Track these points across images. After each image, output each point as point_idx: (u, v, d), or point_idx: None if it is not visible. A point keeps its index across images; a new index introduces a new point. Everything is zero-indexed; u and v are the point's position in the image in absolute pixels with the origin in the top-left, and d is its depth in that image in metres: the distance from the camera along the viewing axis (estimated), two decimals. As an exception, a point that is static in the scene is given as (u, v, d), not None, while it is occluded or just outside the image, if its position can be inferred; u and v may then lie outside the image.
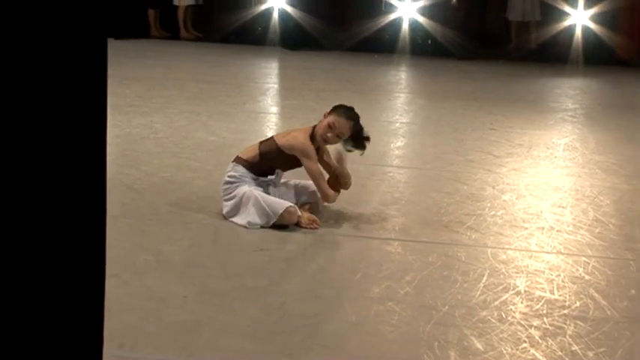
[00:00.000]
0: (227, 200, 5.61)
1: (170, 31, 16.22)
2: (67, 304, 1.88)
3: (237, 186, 5.61)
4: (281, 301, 4.32)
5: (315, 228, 5.48)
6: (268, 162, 5.70)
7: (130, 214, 5.59)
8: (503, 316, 4.26)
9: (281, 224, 5.46)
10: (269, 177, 5.73)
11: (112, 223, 5.14)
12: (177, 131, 8.17)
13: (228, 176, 5.67)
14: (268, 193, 5.65)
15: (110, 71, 1.91)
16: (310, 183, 5.74)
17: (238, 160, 5.72)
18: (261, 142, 5.80)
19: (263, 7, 15.85)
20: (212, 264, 4.82)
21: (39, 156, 1.79)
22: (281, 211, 5.45)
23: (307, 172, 5.66)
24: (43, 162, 1.79)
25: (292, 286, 4.56)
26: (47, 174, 1.80)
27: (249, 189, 5.57)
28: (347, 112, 5.73)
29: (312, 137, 5.68)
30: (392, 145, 8.17)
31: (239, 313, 4.17)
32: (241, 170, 5.67)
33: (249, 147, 5.85)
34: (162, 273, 4.64)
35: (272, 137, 5.81)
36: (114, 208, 5.50)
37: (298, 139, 5.66)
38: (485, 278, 4.74)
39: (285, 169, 5.76)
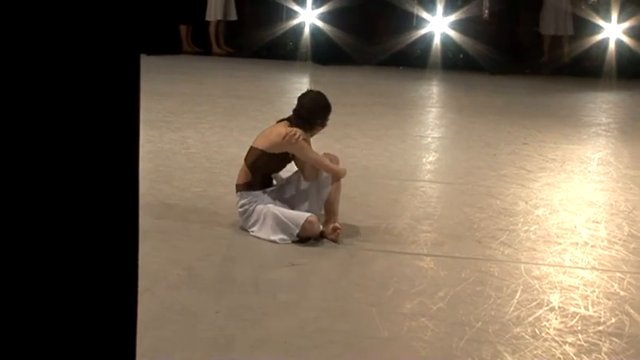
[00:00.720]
0: (250, 226, 5.61)
1: (202, 46, 16.30)
2: (100, 319, 1.88)
3: (254, 208, 5.61)
4: (313, 316, 4.31)
5: (337, 231, 5.47)
6: (262, 170, 5.70)
7: (162, 229, 5.60)
8: (537, 332, 4.22)
9: (305, 236, 5.44)
10: (274, 185, 5.74)
11: (145, 238, 5.15)
12: (209, 146, 8.19)
13: (240, 206, 5.68)
14: (285, 203, 5.67)
15: (142, 87, 1.91)
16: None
17: (239, 188, 5.72)
18: (245, 159, 5.79)
19: (294, 22, 15.91)
20: (244, 279, 4.82)
21: (72, 171, 1.79)
22: (302, 222, 5.44)
23: (307, 160, 5.68)
24: (76, 177, 1.80)
25: (324, 301, 4.55)
26: (80, 189, 1.81)
27: (265, 207, 5.57)
28: (328, 108, 5.83)
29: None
30: (424, 159, 8.15)
31: (271, 328, 4.16)
32: (246, 195, 5.68)
33: (239, 173, 5.83)
34: (194, 288, 4.65)
35: (251, 147, 5.78)
36: (146, 223, 5.51)
37: (282, 134, 5.65)
38: (518, 294, 4.71)
39: (280, 169, 5.77)
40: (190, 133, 8.74)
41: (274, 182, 5.77)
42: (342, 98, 11.77)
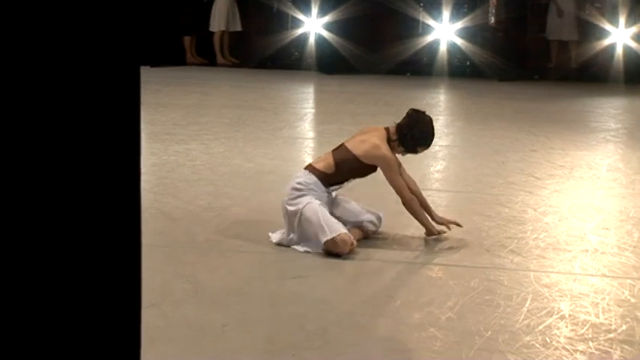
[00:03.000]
0: (290, 205, 5.51)
1: (206, 57, 16.33)
2: (103, 334, 1.88)
3: (303, 195, 5.51)
4: (322, 328, 4.31)
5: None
6: (345, 173, 5.64)
7: (167, 243, 5.60)
8: (548, 340, 4.21)
9: (330, 250, 5.39)
10: (338, 186, 5.70)
11: (149, 252, 5.15)
12: (213, 158, 8.20)
13: (297, 183, 5.56)
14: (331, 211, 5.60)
15: (146, 99, 1.92)
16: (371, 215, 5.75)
17: (312, 170, 5.62)
18: (334, 151, 5.70)
19: (299, 31, 15.93)
20: (251, 292, 4.82)
21: (72, 184, 1.80)
22: (336, 235, 5.35)
23: (390, 183, 5.64)
24: (77, 190, 1.80)
25: (333, 313, 4.54)
26: (81, 202, 1.81)
27: (311, 201, 5.49)
28: (432, 139, 5.73)
29: (388, 142, 5.65)
30: (432, 168, 8.15)
31: (279, 341, 4.16)
32: (313, 179, 5.58)
33: (321, 157, 5.79)
34: (200, 302, 4.64)
35: (343, 145, 5.68)
36: (151, 236, 5.52)
37: (380, 149, 5.58)
38: (528, 302, 4.69)
39: (361, 177, 5.75)
40: (195, 145, 8.75)
41: (341, 186, 5.72)
42: (348, 108, 11.80)
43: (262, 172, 7.67)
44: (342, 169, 5.62)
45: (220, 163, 8.00)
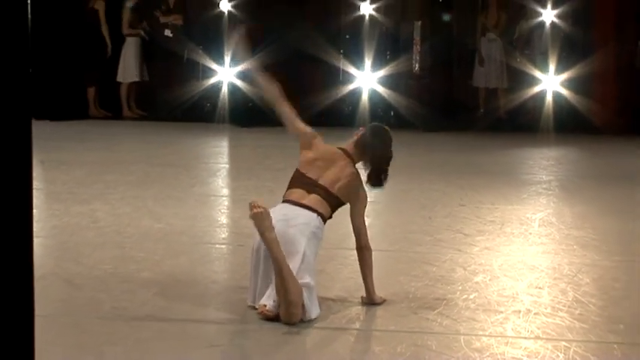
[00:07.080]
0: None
1: (111, 110, 16.25)
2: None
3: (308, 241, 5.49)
4: (236, 402, 4.27)
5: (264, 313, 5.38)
6: (330, 211, 5.79)
7: (69, 312, 5.52)
8: (480, 409, 4.23)
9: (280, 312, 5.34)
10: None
11: (49, 323, 5.09)
12: (120, 219, 8.13)
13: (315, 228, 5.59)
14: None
15: (45, 156, 1.90)
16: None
17: (321, 216, 5.69)
18: (318, 197, 5.75)
19: (211, 81, 15.93)
20: (160, 364, 4.76)
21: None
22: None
23: (362, 224, 5.91)
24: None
25: (248, 384, 4.51)
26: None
27: (310, 253, 5.48)
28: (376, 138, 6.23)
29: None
30: (354, 226, 8.17)
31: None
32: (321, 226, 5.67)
33: (316, 200, 5.74)
34: (105, 376, 4.58)
35: (318, 184, 5.84)
36: (51, 305, 5.44)
37: (360, 190, 6.10)
38: (458, 368, 4.71)
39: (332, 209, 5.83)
40: (99, 205, 8.67)
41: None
42: (265, 162, 11.84)
43: (173, 233, 7.62)
44: (329, 208, 5.83)
45: (127, 224, 7.93)
